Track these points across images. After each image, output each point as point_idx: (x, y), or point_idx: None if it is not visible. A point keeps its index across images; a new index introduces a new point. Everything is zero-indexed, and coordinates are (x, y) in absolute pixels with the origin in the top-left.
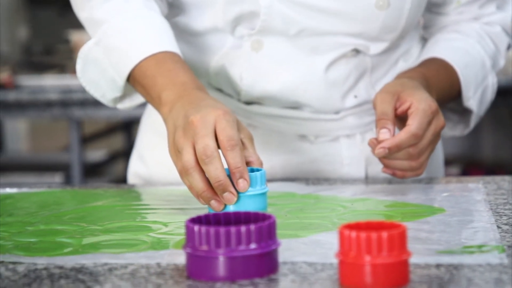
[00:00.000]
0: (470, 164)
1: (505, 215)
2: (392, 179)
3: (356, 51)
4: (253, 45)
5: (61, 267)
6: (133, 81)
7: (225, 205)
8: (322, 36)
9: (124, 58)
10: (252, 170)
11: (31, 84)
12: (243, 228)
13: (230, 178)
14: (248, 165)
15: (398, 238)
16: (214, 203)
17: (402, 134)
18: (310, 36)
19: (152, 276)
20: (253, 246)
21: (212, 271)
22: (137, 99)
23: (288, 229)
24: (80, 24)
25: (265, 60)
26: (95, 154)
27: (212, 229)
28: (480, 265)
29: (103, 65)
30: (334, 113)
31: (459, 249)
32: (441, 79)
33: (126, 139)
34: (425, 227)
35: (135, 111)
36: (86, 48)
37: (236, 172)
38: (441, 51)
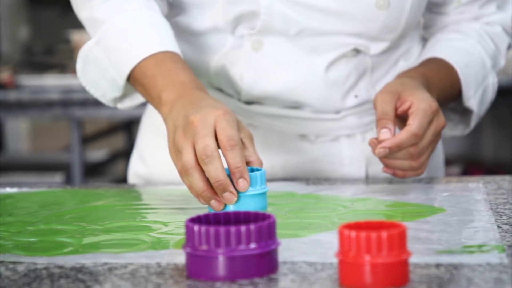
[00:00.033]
0: (471, 164)
1: (505, 215)
2: (393, 179)
3: (357, 51)
4: (254, 45)
5: (61, 267)
6: (133, 81)
7: (225, 205)
8: (322, 36)
9: (124, 58)
10: (252, 170)
11: (32, 84)
12: (243, 228)
13: (230, 178)
14: (248, 165)
15: (398, 238)
16: (214, 203)
17: (403, 134)
18: (310, 36)
19: (152, 276)
20: (253, 246)
21: (212, 271)
22: (137, 99)
23: (288, 229)
24: (81, 24)
25: (266, 60)
26: (96, 154)
27: (212, 229)
28: (480, 265)
29: (103, 65)
30: (335, 113)
31: (459, 249)
32: (442, 79)
33: (127, 139)
34: (425, 227)
35: (136, 111)
36: (86, 48)
37: (236, 172)
38: (442, 51)
